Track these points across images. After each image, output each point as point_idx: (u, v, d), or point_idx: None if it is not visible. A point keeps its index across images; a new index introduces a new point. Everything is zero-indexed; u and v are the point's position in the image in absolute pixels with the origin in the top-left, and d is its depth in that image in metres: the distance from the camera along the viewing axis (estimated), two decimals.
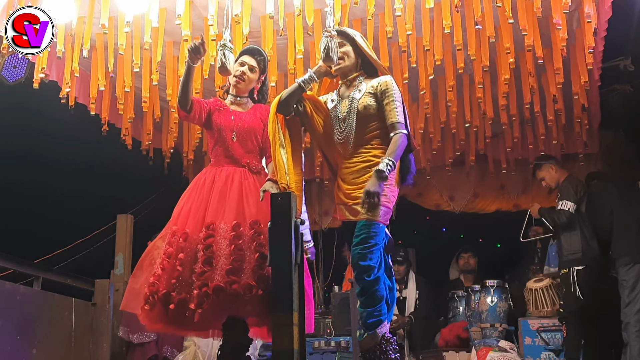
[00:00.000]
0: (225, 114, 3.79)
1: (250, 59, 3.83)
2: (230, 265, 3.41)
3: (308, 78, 3.52)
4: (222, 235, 3.50)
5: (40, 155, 7.30)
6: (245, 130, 3.76)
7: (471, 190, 7.51)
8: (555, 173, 5.61)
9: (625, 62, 5.79)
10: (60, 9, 4.57)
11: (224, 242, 3.48)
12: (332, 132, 3.60)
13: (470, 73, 5.54)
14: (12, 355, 4.51)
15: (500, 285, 6.02)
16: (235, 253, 3.44)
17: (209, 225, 3.53)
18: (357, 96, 3.52)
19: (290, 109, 3.54)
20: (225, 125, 3.76)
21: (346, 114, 3.53)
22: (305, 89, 3.53)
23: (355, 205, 3.45)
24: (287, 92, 3.54)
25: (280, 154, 3.44)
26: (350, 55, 3.58)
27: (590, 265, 5.26)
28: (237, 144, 3.74)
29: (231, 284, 3.38)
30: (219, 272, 3.41)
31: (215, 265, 3.43)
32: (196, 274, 3.43)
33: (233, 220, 3.52)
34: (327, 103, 3.65)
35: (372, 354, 3.36)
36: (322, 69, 3.56)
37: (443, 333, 6.45)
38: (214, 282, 3.38)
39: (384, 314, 3.40)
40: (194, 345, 5.13)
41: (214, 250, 3.46)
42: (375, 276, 3.36)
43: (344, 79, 3.62)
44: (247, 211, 3.58)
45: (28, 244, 6.94)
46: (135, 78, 5.35)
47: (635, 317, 5.08)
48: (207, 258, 3.45)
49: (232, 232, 3.49)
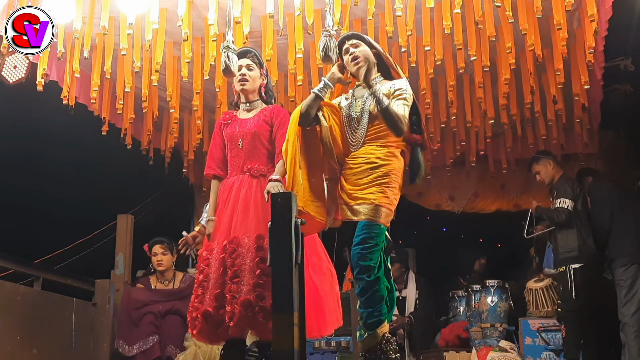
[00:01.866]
0: (232, 125, 3.83)
1: (243, 60, 3.83)
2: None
3: (323, 86, 3.52)
4: (215, 256, 3.62)
5: (40, 156, 7.30)
6: (249, 135, 3.75)
7: (471, 190, 7.51)
8: (551, 169, 5.61)
9: (626, 62, 5.79)
10: (60, 9, 4.57)
11: (215, 263, 3.60)
12: (344, 133, 3.60)
13: (470, 73, 5.54)
14: (12, 355, 4.50)
15: (500, 285, 6.03)
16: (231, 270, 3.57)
17: (208, 246, 3.70)
18: (371, 97, 3.50)
19: (311, 120, 3.52)
20: (232, 135, 3.80)
21: (359, 114, 3.54)
22: (322, 97, 3.52)
23: (357, 205, 3.45)
24: (305, 104, 3.51)
25: (298, 175, 3.43)
26: (369, 54, 3.59)
27: (587, 263, 5.25)
28: (243, 151, 3.76)
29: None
30: (209, 296, 3.56)
31: (207, 288, 3.60)
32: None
33: (223, 240, 3.64)
34: (340, 103, 3.66)
35: (373, 354, 3.36)
36: (336, 76, 3.56)
37: (443, 333, 6.45)
38: (204, 306, 3.56)
39: (384, 314, 3.40)
40: (194, 345, 5.12)
41: (206, 273, 3.63)
42: (375, 276, 3.36)
43: (363, 79, 3.53)
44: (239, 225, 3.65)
45: (28, 244, 6.94)
46: (135, 78, 5.35)
47: (633, 318, 5.09)
48: (201, 282, 3.64)
49: (222, 254, 3.60)
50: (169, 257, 5.62)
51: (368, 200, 3.42)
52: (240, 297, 3.44)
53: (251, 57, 3.85)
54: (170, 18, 4.84)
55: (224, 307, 3.48)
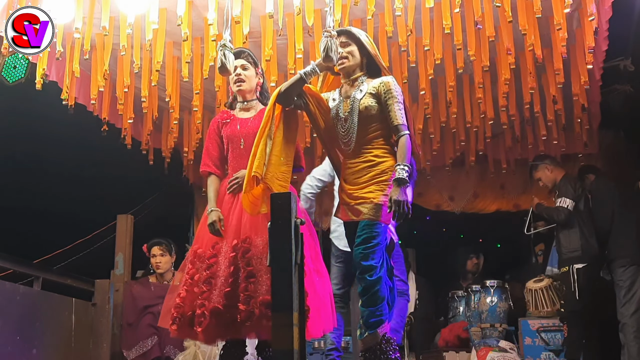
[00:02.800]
0: (232, 124, 3.82)
1: (238, 60, 3.83)
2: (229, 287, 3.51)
3: (310, 70, 3.51)
4: (224, 255, 3.59)
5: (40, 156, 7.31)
6: (251, 135, 3.73)
7: (471, 190, 7.51)
8: (550, 173, 5.60)
9: (625, 62, 5.79)
10: (60, 9, 4.57)
11: (224, 262, 3.57)
12: (333, 131, 3.61)
13: (470, 73, 5.54)
14: (12, 355, 4.50)
15: (500, 285, 6.03)
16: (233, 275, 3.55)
17: (213, 245, 3.65)
18: (358, 96, 3.51)
19: (290, 100, 3.52)
20: (233, 135, 3.79)
21: (348, 114, 3.53)
22: (307, 80, 3.52)
23: (357, 205, 3.45)
24: (288, 83, 3.53)
25: (264, 143, 3.43)
26: (355, 55, 3.58)
27: (590, 262, 5.25)
28: (245, 150, 3.74)
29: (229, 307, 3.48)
30: (218, 293, 3.51)
31: (215, 285, 3.55)
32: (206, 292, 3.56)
33: (233, 240, 3.60)
34: (328, 101, 3.65)
35: (372, 354, 3.37)
36: (324, 63, 3.55)
37: (443, 333, 6.45)
38: (212, 302, 3.49)
39: (385, 313, 3.40)
40: (194, 345, 5.12)
41: (214, 270, 3.58)
42: (377, 276, 3.36)
43: (347, 78, 3.61)
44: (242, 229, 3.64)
45: (28, 244, 6.94)
46: (135, 78, 5.35)
47: (632, 319, 5.09)
48: (208, 278, 3.58)
49: (232, 253, 3.57)
50: (167, 259, 5.61)
51: (368, 199, 3.42)
52: (259, 297, 3.43)
53: (245, 57, 3.86)
54: (170, 18, 4.84)
55: (235, 306, 3.46)
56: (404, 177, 3.31)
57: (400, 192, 3.30)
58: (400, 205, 3.28)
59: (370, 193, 3.43)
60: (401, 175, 3.32)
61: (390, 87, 3.48)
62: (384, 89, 3.49)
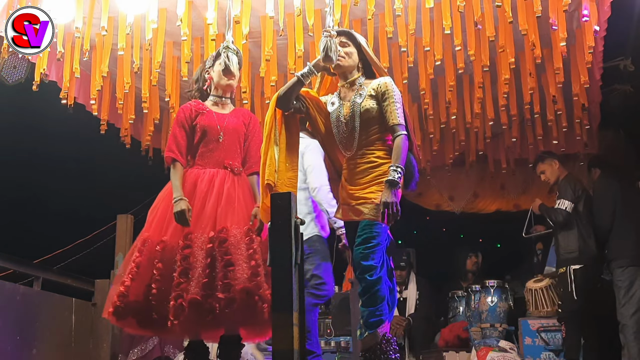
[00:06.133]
0: (208, 116, 3.75)
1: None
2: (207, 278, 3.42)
3: (307, 71, 3.51)
4: (199, 246, 3.49)
5: (40, 156, 7.32)
6: (230, 131, 3.74)
7: (471, 190, 7.51)
8: (557, 169, 5.60)
9: (625, 62, 5.79)
10: (60, 9, 4.57)
11: (200, 253, 3.47)
12: (333, 134, 3.61)
13: (470, 73, 5.54)
14: (12, 355, 4.51)
15: (500, 285, 6.02)
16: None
17: (186, 235, 3.52)
18: (358, 100, 3.52)
19: (289, 104, 3.53)
20: (211, 126, 3.73)
21: (349, 118, 3.53)
22: (304, 82, 3.52)
23: (358, 205, 3.45)
24: (286, 87, 3.54)
25: (273, 151, 3.44)
26: (353, 56, 3.58)
27: (587, 264, 5.26)
28: (222, 145, 3.72)
29: (206, 297, 3.39)
30: (195, 284, 3.40)
31: (192, 276, 3.42)
32: (176, 283, 3.42)
33: (210, 232, 3.52)
34: (327, 104, 3.65)
35: (372, 354, 3.37)
36: (321, 63, 3.53)
37: (443, 333, 6.44)
38: (190, 294, 3.36)
39: (385, 313, 3.40)
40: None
41: (190, 261, 3.46)
42: (377, 276, 3.36)
43: (343, 79, 3.61)
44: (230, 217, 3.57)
45: (28, 244, 6.95)
46: (135, 78, 5.34)
47: (632, 319, 5.08)
48: (184, 269, 3.44)
49: (209, 244, 3.48)
50: None
51: (369, 199, 3.42)
52: (238, 285, 3.38)
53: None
54: (170, 18, 4.85)
55: (212, 296, 3.39)
56: (396, 179, 3.32)
57: (391, 194, 3.30)
58: (389, 207, 3.29)
59: (371, 193, 3.43)
60: (393, 177, 3.33)
61: (388, 88, 3.49)
62: (381, 90, 3.49)
